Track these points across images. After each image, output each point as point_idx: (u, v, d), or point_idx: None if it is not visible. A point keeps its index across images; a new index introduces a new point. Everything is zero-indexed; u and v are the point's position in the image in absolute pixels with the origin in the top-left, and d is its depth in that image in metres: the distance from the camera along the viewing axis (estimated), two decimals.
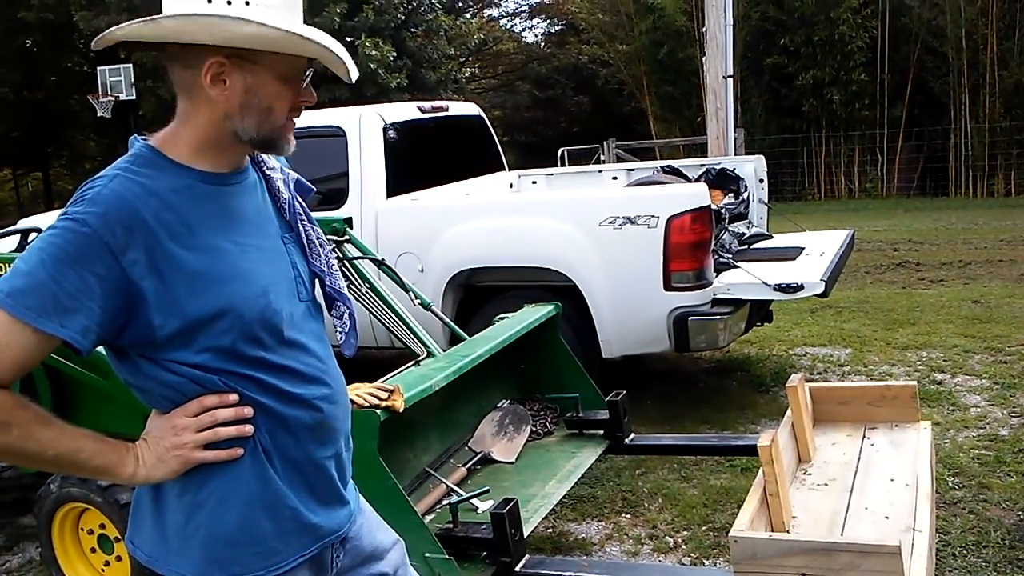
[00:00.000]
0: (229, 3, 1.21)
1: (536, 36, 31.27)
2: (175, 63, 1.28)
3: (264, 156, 1.43)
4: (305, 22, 1.32)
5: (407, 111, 5.21)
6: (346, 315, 1.51)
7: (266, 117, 1.29)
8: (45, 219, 5.86)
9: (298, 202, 1.44)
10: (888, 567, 1.82)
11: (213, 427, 1.28)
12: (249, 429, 1.30)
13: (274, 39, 1.22)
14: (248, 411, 1.29)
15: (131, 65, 17.42)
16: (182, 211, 1.25)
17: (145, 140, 1.32)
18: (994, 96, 14.72)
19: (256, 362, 1.30)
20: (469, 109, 6.08)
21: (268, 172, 1.42)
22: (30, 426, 1.21)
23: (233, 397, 1.29)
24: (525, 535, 2.48)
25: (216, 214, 1.29)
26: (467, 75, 22.46)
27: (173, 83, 1.29)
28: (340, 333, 1.52)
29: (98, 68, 17.64)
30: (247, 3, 1.22)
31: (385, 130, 4.83)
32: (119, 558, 2.97)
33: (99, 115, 17.61)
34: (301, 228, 1.43)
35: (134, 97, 17.54)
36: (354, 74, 1.32)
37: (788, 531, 2.22)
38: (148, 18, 1.20)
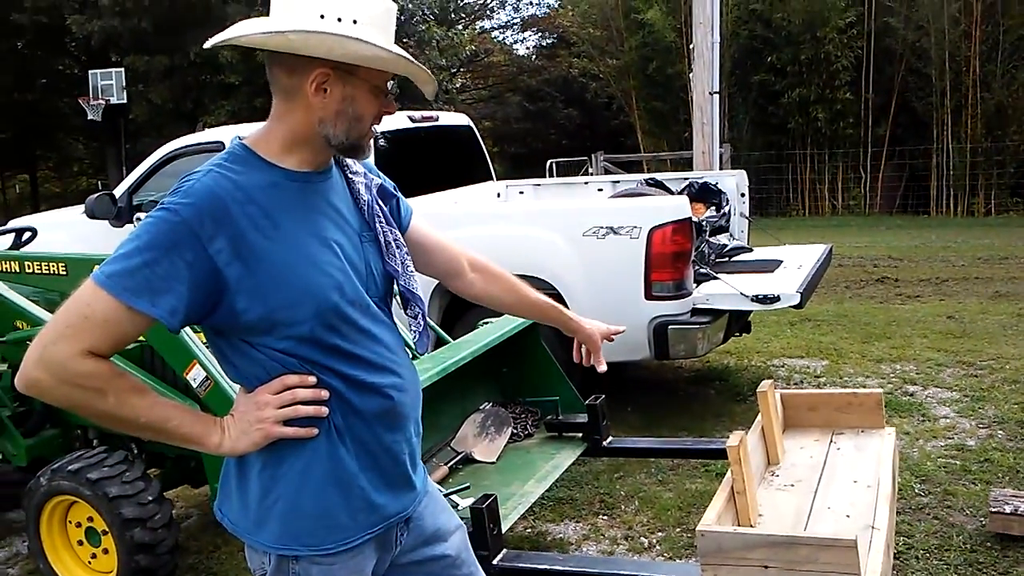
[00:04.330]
0: (340, 20, 1.32)
1: (527, 49, 31.49)
2: (279, 67, 1.38)
3: (349, 160, 1.52)
4: None
5: (398, 120, 5.31)
6: (420, 316, 1.59)
7: (355, 125, 1.40)
8: (38, 219, 5.93)
9: (378, 205, 1.53)
10: (845, 560, 1.92)
11: (293, 404, 1.38)
12: (325, 411, 1.40)
13: (386, 60, 1.35)
14: (325, 393, 1.40)
15: (123, 69, 17.48)
16: (266, 205, 1.35)
17: (242, 140, 1.42)
18: (976, 117, 15.00)
19: (332, 350, 1.40)
20: (458, 119, 6.19)
21: (351, 176, 1.52)
22: (125, 394, 1.33)
23: (312, 379, 1.39)
24: (503, 531, 2.57)
25: (298, 209, 1.39)
26: (458, 86, 22.63)
27: (272, 83, 1.40)
28: (414, 332, 1.61)
29: (89, 72, 17.70)
30: (355, 21, 1.33)
31: (376, 138, 4.92)
32: (106, 551, 3.02)
33: (89, 118, 17.65)
34: (379, 229, 1.51)
35: (125, 101, 17.60)
36: (434, 90, 1.47)
37: (753, 527, 2.32)
38: (275, 30, 1.30)
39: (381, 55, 1.34)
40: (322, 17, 1.32)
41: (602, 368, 1.92)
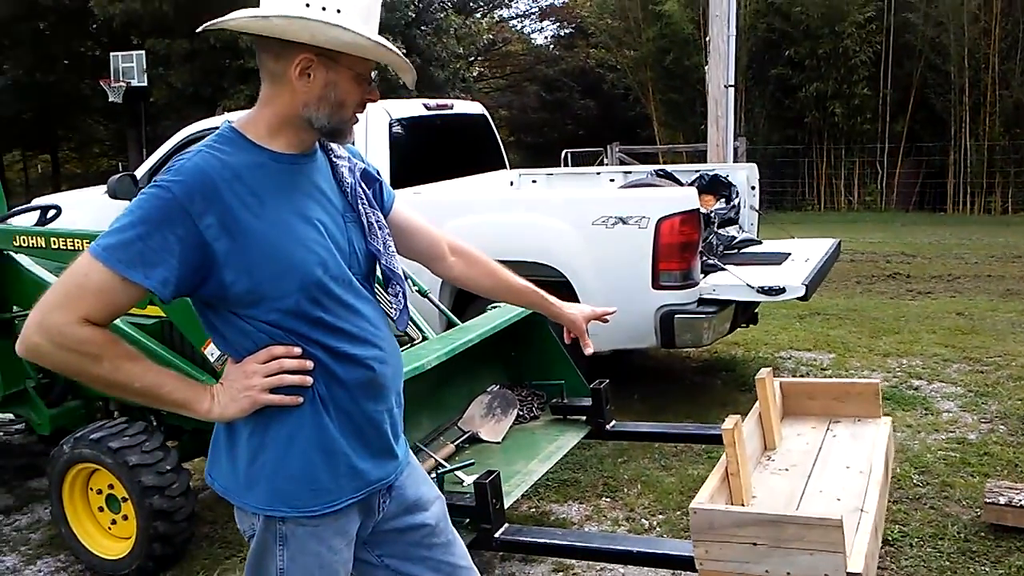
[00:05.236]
0: (324, 9, 1.40)
1: (545, 38, 31.52)
2: (267, 53, 1.46)
3: (333, 145, 1.59)
4: None
5: (413, 107, 5.39)
6: (400, 294, 1.66)
7: (337, 110, 1.48)
8: (62, 198, 6.06)
9: (361, 188, 1.60)
10: (830, 539, 2.01)
11: (280, 374, 1.47)
12: (310, 380, 1.49)
13: (365, 47, 1.43)
14: (309, 364, 1.49)
15: (144, 52, 17.63)
16: (253, 184, 1.44)
17: (231, 123, 1.51)
18: (994, 115, 14.91)
19: (317, 322, 1.48)
20: (473, 108, 6.26)
21: (335, 160, 1.59)
22: (119, 360, 1.41)
23: (297, 350, 1.48)
24: (506, 507, 2.66)
25: (284, 189, 1.48)
26: (475, 74, 22.67)
27: (260, 68, 1.49)
28: (395, 309, 1.68)
29: (111, 54, 17.87)
30: (338, 11, 1.42)
31: (391, 125, 5.01)
32: (125, 517, 3.14)
33: (110, 100, 17.85)
34: (362, 210, 1.59)
35: (145, 84, 17.77)
36: (413, 79, 1.56)
37: (746, 507, 2.41)
38: (260, 14, 1.40)
39: (360, 42, 1.41)
40: (307, 6, 1.40)
41: (589, 351, 1.94)
